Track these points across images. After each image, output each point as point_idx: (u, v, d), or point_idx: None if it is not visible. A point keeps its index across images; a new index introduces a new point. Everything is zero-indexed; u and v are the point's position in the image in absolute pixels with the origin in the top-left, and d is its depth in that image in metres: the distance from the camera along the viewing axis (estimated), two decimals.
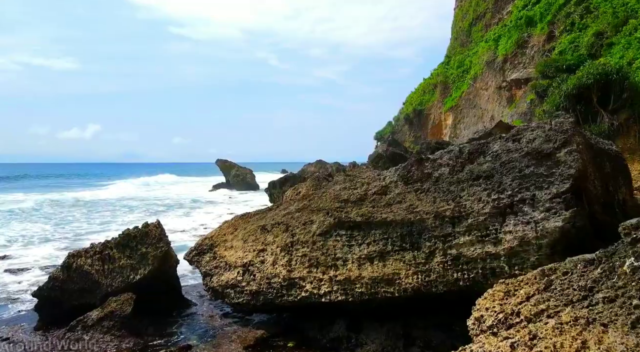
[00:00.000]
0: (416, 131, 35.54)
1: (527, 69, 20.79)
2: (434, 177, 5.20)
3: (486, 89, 26.56)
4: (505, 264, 4.22)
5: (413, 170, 5.51)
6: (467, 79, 29.74)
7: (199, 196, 26.25)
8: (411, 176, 5.49)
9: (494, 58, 26.01)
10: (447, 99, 32.85)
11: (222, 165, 33.22)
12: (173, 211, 19.37)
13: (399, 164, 6.44)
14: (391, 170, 6.03)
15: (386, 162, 15.65)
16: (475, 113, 27.45)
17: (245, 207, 20.80)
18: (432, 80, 36.68)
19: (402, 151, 16.49)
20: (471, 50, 34.58)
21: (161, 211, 19.17)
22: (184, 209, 19.95)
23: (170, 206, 21.44)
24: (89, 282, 5.29)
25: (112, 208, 20.54)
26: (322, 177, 10.59)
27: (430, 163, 5.39)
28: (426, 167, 5.40)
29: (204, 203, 22.57)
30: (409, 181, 5.50)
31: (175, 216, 17.33)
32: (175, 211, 19.27)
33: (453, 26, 53.74)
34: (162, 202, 23.23)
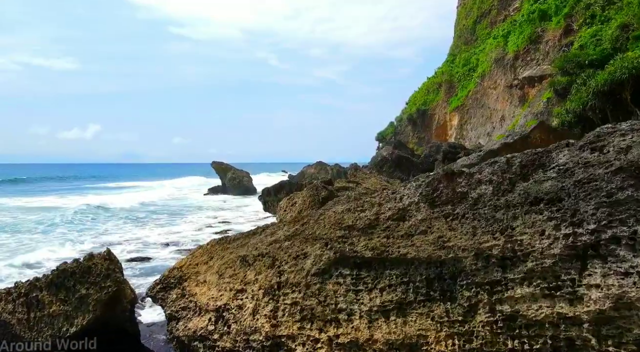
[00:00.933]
0: (420, 132, 34.20)
1: (541, 66, 19.46)
2: (472, 199, 3.82)
3: (495, 88, 25.22)
4: (591, 335, 2.84)
5: (441, 189, 4.12)
6: (474, 78, 28.40)
7: (190, 202, 24.81)
8: (439, 195, 4.10)
9: (503, 55, 24.67)
10: (453, 98, 31.51)
11: (218, 168, 31.86)
12: (155, 219, 17.96)
13: (419, 178, 5.04)
14: (410, 186, 4.62)
15: (391, 166, 14.30)
16: (483, 113, 26.11)
17: (237, 213, 19.50)
18: (436, 79, 35.34)
19: (409, 154, 15.15)
20: (477, 47, 33.25)
21: (142, 218, 17.83)
22: (173, 217, 18.57)
23: (155, 212, 20.00)
24: (9, 336, 3.97)
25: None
26: (320, 186, 9.25)
27: (465, 179, 4.00)
28: (459, 184, 4.01)
29: (195, 209, 21.19)
30: (435, 202, 4.11)
31: (155, 225, 15.91)
32: (159, 219, 17.80)
33: (456, 24, 52.48)
34: (146, 208, 21.86)
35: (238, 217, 17.49)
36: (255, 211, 18.15)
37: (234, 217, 17.74)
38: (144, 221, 17.43)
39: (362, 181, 12.80)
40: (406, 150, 16.06)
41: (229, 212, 20.57)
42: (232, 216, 18.78)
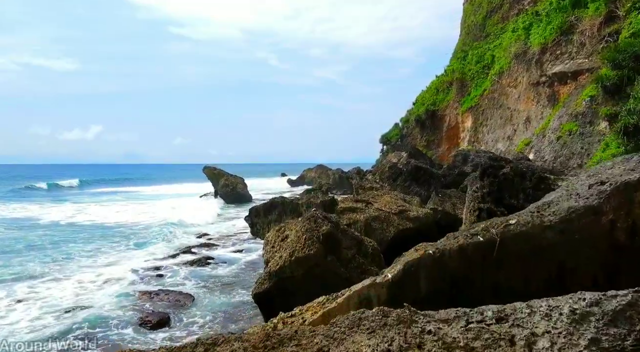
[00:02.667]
0: (429, 135, 31.61)
1: (576, 60, 16.88)
2: None
3: (515, 86, 22.62)
4: None
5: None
6: (490, 75, 25.81)
7: (171, 216, 21.93)
8: None
9: (524, 49, 22.06)
10: (465, 98, 28.93)
11: (210, 174, 29.32)
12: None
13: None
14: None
15: (407, 179, 11.74)
16: (502, 114, 23.51)
17: (225, 228, 16.89)
18: (446, 77, 32.76)
19: (426, 163, 12.55)
20: (491, 43, 30.67)
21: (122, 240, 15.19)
22: (151, 234, 15.94)
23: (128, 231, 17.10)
24: None
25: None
26: (320, 216, 6.67)
27: None
28: None
29: (177, 225, 18.50)
30: None
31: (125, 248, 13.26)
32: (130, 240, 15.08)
33: (463, 21, 49.99)
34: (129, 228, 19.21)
35: (224, 238, 14.93)
36: (244, 228, 15.60)
37: (219, 237, 15.17)
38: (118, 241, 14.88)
39: (373, 199, 10.22)
40: (424, 158, 13.44)
41: (217, 226, 18.00)
42: (219, 232, 16.21)
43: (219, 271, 10.00)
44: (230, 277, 9.55)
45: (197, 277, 9.64)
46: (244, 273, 10.02)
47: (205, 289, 8.72)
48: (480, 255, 3.50)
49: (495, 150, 23.09)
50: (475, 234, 3.44)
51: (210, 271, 10.11)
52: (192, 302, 8.08)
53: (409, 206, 10.08)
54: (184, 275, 9.68)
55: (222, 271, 10.07)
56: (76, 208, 26.25)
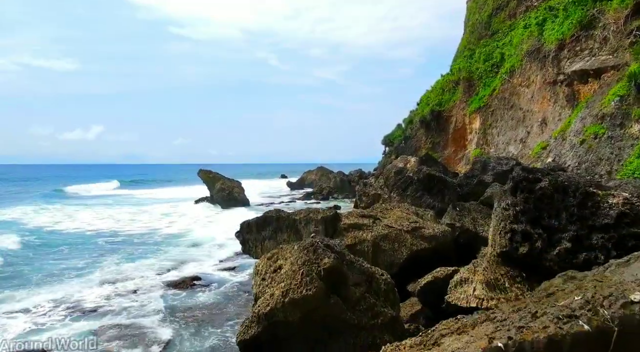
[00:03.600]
0: (434, 136, 30.29)
1: (599, 57, 15.56)
2: None
3: (528, 86, 21.32)
4: None
5: None
6: (500, 74, 24.49)
7: (161, 225, 20.49)
8: None
9: (538, 46, 20.76)
10: (473, 98, 27.61)
11: (205, 177, 28.00)
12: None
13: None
14: None
15: (418, 188, 10.45)
16: (513, 115, 22.19)
17: (220, 232, 15.57)
18: (452, 76, 31.44)
19: (440, 171, 11.21)
20: (499, 40, 29.36)
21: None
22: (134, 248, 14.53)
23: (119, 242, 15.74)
24: None
25: None
26: (320, 245, 5.37)
27: None
28: None
29: (166, 238, 17.12)
30: None
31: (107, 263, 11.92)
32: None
33: (467, 20, 48.85)
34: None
35: (217, 249, 13.62)
36: (237, 251, 14.29)
37: (210, 249, 13.86)
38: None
39: (382, 214, 8.92)
40: (436, 165, 12.03)
41: (210, 234, 16.67)
42: (212, 242, 14.93)
43: (202, 297, 8.69)
44: (214, 307, 8.20)
45: (174, 306, 8.27)
46: (232, 300, 8.72)
47: (180, 325, 7.34)
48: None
49: (507, 154, 21.77)
50: (572, 314, 2.14)
51: (193, 296, 8.79)
52: (157, 347, 6.66)
53: (423, 221, 8.77)
54: (158, 304, 8.27)
55: (206, 296, 8.76)
56: (66, 213, 24.97)
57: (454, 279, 6.97)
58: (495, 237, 7.02)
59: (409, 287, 7.86)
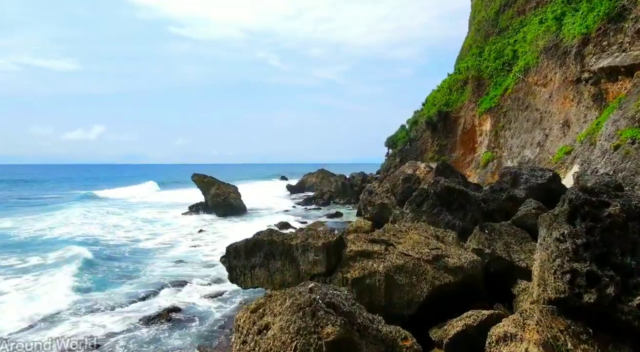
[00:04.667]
0: (441, 139, 28.74)
1: (631, 52, 14.02)
2: None
3: (545, 85, 19.78)
4: None
5: None
6: (514, 73, 22.94)
7: (152, 233, 18.80)
8: None
9: (556, 42, 19.23)
10: (483, 98, 26.08)
11: (199, 182, 26.46)
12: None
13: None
14: None
15: (435, 204, 8.92)
16: (529, 116, 20.64)
17: (212, 241, 13.99)
18: (460, 75, 29.89)
19: (460, 182, 9.64)
20: (510, 37, 27.83)
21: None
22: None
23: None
24: None
25: None
26: (321, 305, 3.82)
27: None
28: None
29: (149, 253, 15.54)
30: None
31: None
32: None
33: (472, 18, 47.61)
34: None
35: (206, 267, 12.08)
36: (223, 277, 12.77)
37: (200, 266, 12.31)
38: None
39: (396, 238, 7.40)
40: (455, 174, 10.35)
41: (201, 245, 15.16)
42: (203, 259, 13.39)
43: (177, 341, 7.15)
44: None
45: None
46: (216, 341, 7.18)
47: None
48: None
49: (522, 158, 20.26)
50: None
51: (167, 338, 7.24)
52: None
53: (445, 247, 7.23)
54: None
55: (182, 339, 7.22)
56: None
57: (495, 333, 5.36)
58: (547, 278, 5.45)
59: (432, 333, 6.33)
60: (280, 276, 7.38)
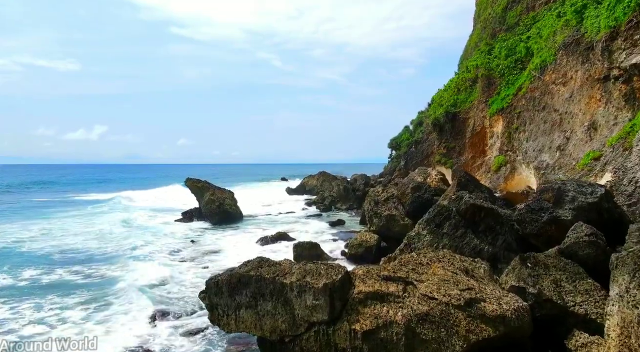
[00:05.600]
0: (449, 141, 27.23)
1: None
2: None
3: (564, 83, 18.25)
4: None
5: None
6: (528, 71, 21.42)
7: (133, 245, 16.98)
8: None
9: (576, 37, 17.71)
10: (494, 98, 24.56)
11: (193, 187, 24.98)
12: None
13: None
14: None
15: (459, 225, 7.42)
16: (546, 118, 19.12)
17: (201, 254, 12.41)
18: (468, 74, 28.37)
19: (487, 198, 8.10)
20: (522, 34, 26.31)
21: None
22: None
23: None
24: None
25: None
26: None
27: None
28: None
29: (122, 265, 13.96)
30: None
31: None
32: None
33: (477, 15, 46.24)
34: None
35: (188, 294, 10.57)
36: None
37: (171, 299, 10.81)
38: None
39: (416, 273, 5.90)
40: (479, 188, 8.65)
41: (188, 262, 13.67)
42: (175, 294, 11.88)
43: None
44: None
45: None
46: None
47: None
48: None
49: (539, 163, 18.75)
50: None
51: None
52: None
53: (479, 285, 5.72)
54: None
55: None
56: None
57: None
58: (638, 349, 3.92)
59: None
60: (271, 320, 5.89)
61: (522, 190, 15.88)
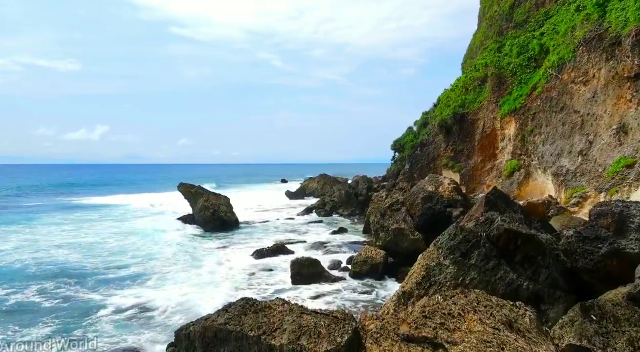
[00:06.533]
0: (457, 143, 25.80)
1: None
2: None
3: (585, 82, 16.83)
4: None
5: None
6: (544, 69, 19.99)
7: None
8: None
9: (599, 32, 16.31)
10: (505, 98, 23.13)
11: (186, 192, 23.59)
12: None
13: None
14: None
15: (491, 255, 6.06)
16: (565, 119, 17.69)
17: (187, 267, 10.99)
18: (477, 73, 26.94)
19: (521, 220, 6.66)
20: (535, 30, 24.86)
21: None
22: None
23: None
24: None
25: None
26: None
27: None
28: None
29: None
30: None
31: None
32: None
33: (482, 13, 44.80)
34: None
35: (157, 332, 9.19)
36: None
37: (144, 333, 9.42)
38: None
39: (446, 330, 4.49)
40: (511, 207, 7.23)
41: (173, 282, 12.31)
42: (147, 330, 10.51)
43: None
44: None
45: None
46: None
47: None
48: None
49: (558, 168, 17.33)
50: None
51: None
52: None
53: (529, 346, 4.32)
54: None
55: None
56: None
57: None
58: None
59: None
60: None
61: (543, 200, 14.45)
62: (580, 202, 13.76)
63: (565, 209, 13.49)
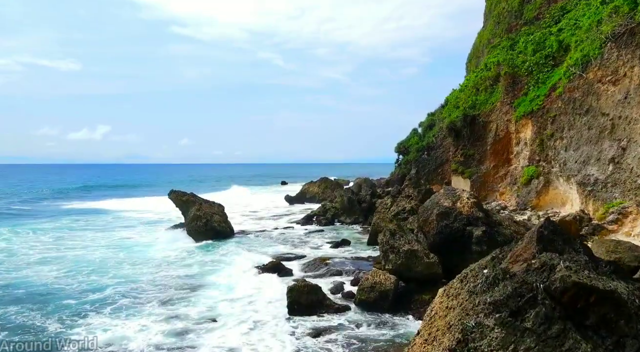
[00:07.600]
0: (467, 147, 24.14)
1: None
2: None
3: (615, 82, 15.17)
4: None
5: None
6: (566, 67, 18.31)
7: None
8: None
9: (631, 26, 14.68)
10: (521, 99, 21.47)
11: (177, 200, 21.97)
12: None
13: None
14: None
15: (553, 317, 4.38)
16: (592, 123, 16.03)
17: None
18: (489, 72, 25.28)
19: (587, 264, 5.10)
20: (551, 26, 23.22)
21: None
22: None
23: None
24: None
25: None
26: None
27: None
28: None
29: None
30: None
31: None
32: None
33: (488, 11, 43.17)
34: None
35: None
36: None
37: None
38: None
39: None
40: (570, 245, 5.80)
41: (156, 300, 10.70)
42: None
43: None
44: None
45: None
46: None
47: None
48: None
49: (584, 177, 15.68)
50: None
51: None
52: None
53: None
54: None
55: None
56: None
57: None
58: None
59: None
60: None
61: (574, 215, 12.79)
62: (619, 220, 12.12)
63: (602, 227, 11.85)
